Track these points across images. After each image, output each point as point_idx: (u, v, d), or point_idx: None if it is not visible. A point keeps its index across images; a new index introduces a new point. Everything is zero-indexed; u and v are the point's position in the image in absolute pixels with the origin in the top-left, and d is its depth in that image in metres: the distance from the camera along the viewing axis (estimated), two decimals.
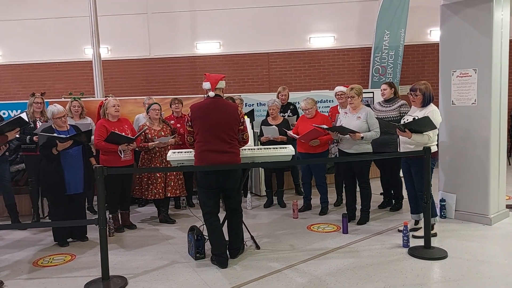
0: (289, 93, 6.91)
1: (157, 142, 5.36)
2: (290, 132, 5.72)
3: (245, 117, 4.31)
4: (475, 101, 5.00)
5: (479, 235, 4.66)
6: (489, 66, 4.86)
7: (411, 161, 4.59)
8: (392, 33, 9.66)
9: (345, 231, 4.89)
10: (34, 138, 5.30)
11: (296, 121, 6.12)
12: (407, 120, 4.54)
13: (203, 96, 4.18)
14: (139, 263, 4.23)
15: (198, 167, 4.09)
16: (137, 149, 5.38)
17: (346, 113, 5.23)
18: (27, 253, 4.62)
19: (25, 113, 4.05)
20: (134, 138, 5.11)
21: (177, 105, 6.16)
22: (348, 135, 4.98)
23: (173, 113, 6.23)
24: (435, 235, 4.59)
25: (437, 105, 4.97)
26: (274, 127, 5.88)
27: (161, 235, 5.12)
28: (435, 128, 4.43)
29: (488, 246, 4.36)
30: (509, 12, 5.00)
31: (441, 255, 4.11)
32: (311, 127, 5.30)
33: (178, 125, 5.99)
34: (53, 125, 4.76)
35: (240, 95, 7.08)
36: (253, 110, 7.28)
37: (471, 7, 4.97)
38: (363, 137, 4.92)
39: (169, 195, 5.51)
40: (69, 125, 4.90)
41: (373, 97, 7.96)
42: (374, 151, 5.15)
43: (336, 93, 5.99)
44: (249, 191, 6.36)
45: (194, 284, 3.71)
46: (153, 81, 10.61)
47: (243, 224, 4.40)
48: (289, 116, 6.59)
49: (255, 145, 5.44)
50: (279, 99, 6.65)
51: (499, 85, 4.95)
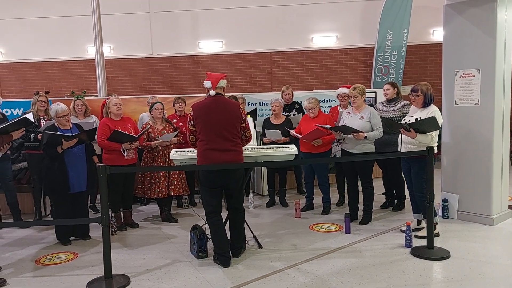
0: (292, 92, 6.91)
1: (160, 141, 5.36)
2: (292, 131, 5.72)
3: (248, 116, 4.31)
4: (478, 101, 4.99)
5: (481, 236, 4.66)
6: (493, 66, 4.85)
7: (412, 161, 4.59)
8: (394, 33, 9.64)
9: (347, 231, 4.89)
10: (38, 136, 5.31)
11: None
12: (409, 120, 4.54)
13: (205, 95, 4.18)
14: (141, 261, 4.24)
15: (200, 166, 4.10)
16: (140, 148, 5.39)
17: (349, 112, 5.23)
18: (29, 251, 4.63)
19: (31, 114, 4.06)
20: (137, 137, 5.11)
21: (181, 104, 6.16)
22: (351, 135, 4.98)
23: (175, 112, 6.22)
24: (437, 235, 4.59)
25: (440, 105, 4.97)
26: (277, 131, 5.84)
27: (164, 234, 5.13)
28: (439, 128, 4.43)
29: (490, 246, 4.35)
30: None
31: (443, 255, 4.10)
32: (314, 126, 5.31)
33: (180, 124, 5.99)
34: (56, 124, 4.77)
35: (242, 94, 7.08)
36: (255, 109, 7.28)
37: (475, 7, 4.96)
38: (366, 137, 4.92)
39: (172, 194, 5.52)
40: (72, 123, 4.90)
41: (376, 97, 7.96)
42: (377, 151, 5.15)
43: (338, 94, 5.99)
44: (251, 191, 6.36)
45: (196, 283, 3.72)
46: (156, 80, 10.62)
47: (245, 223, 4.41)
48: (294, 115, 6.58)
49: (257, 145, 5.44)
50: (283, 98, 6.64)
51: (502, 86, 4.95)
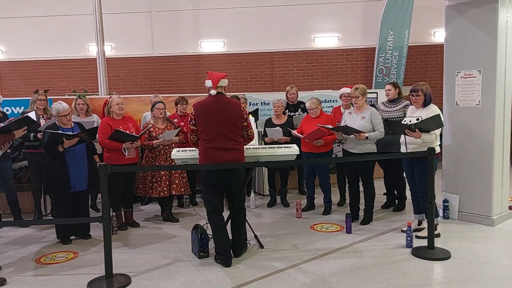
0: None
1: (161, 139, 5.36)
2: (294, 131, 5.72)
3: (250, 116, 4.31)
4: (479, 102, 4.99)
5: (482, 236, 4.66)
6: (494, 67, 4.85)
7: (415, 162, 4.59)
8: (396, 33, 9.64)
9: (348, 231, 4.89)
10: (38, 135, 5.31)
11: None
12: (410, 121, 4.53)
13: (206, 94, 4.18)
14: (142, 261, 4.24)
15: (202, 165, 4.10)
16: (141, 147, 5.39)
17: (350, 113, 5.23)
18: (29, 250, 4.62)
19: (33, 112, 4.05)
20: (138, 136, 5.11)
21: (184, 106, 6.16)
22: (352, 135, 4.98)
23: (177, 111, 6.22)
24: (438, 235, 4.59)
25: (441, 106, 4.96)
26: (278, 128, 5.85)
27: (164, 233, 5.13)
28: (442, 126, 4.43)
29: (491, 247, 4.35)
30: None
31: (444, 255, 4.10)
32: (315, 126, 5.31)
33: (181, 124, 5.98)
34: (57, 123, 4.77)
35: (244, 94, 7.08)
36: (257, 109, 7.28)
37: (476, 8, 4.96)
38: (367, 137, 4.92)
39: (174, 193, 5.52)
40: (74, 122, 4.90)
41: (377, 98, 7.96)
42: (378, 151, 5.15)
43: (341, 94, 5.98)
44: (252, 190, 6.36)
45: (197, 282, 3.72)
46: (157, 79, 10.63)
47: (246, 223, 4.41)
48: (299, 114, 6.57)
49: (259, 145, 5.44)
50: (288, 98, 6.64)
51: (503, 86, 4.95)
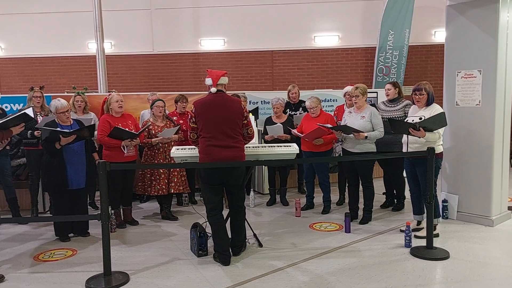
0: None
1: (161, 137, 5.35)
2: (294, 130, 5.71)
3: (250, 114, 4.30)
4: (479, 102, 4.98)
5: (481, 237, 4.66)
6: (494, 67, 4.85)
7: (417, 162, 4.56)
8: (396, 33, 9.63)
9: (347, 230, 4.89)
10: (35, 133, 5.28)
11: None
12: (413, 120, 4.52)
13: (206, 92, 4.17)
14: (140, 259, 4.23)
15: (201, 164, 4.09)
16: (140, 145, 5.37)
17: (350, 112, 5.22)
18: (28, 248, 4.61)
19: (31, 109, 4.03)
20: (137, 134, 5.09)
21: (185, 105, 6.15)
22: (352, 135, 4.97)
23: (176, 109, 6.21)
24: (437, 235, 4.59)
25: (441, 106, 4.95)
26: (279, 124, 5.88)
27: (163, 231, 5.12)
28: (446, 125, 4.43)
29: (490, 247, 4.35)
30: None
31: (443, 255, 4.10)
32: (315, 125, 5.30)
33: (181, 122, 5.97)
34: (56, 120, 4.75)
35: (244, 93, 7.07)
36: (257, 108, 7.27)
37: (477, 8, 4.95)
38: (367, 137, 4.91)
39: (173, 191, 5.51)
40: (73, 119, 4.89)
41: (377, 97, 7.95)
42: (379, 150, 5.14)
43: (345, 93, 5.96)
44: (251, 189, 6.35)
45: (195, 281, 3.71)
46: (156, 77, 10.61)
47: (245, 221, 4.40)
48: (300, 113, 6.55)
49: (259, 143, 5.44)
50: (289, 97, 6.62)
51: (503, 87, 4.94)
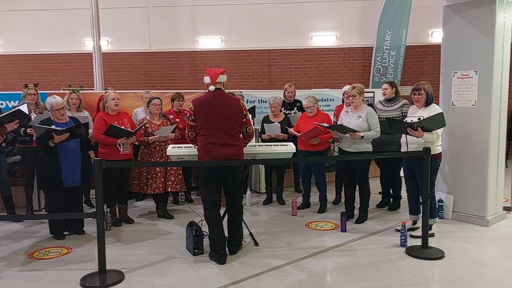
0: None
1: (157, 136, 5.33)
2: (291, 129, 5.72)
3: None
4: (476, 102, 4.99)
5: (476, 237, 4.67)
6: (490, 68, 4.86)
7: (415, 162, 4.55)
8: (393, 33, 9.64)
9: (343, 230, 4.89)
10: (28, 130, 5.24)
11: None
12: (411, 120, 4.51)
13: (203, 91, 4.16)
14: (135, 257, 4.22)
15: (197, 162, 4.07)
16: (137, 143, 5.35)
17: (347, 112, 5.23)
18: (22, 245, 4.59)
19: (25, 105, 4.01)
20: (133, 132, 5.07)
21: (181, 103, 6.14)
22: (348, 134, 4.97)
23: (173, 107, 6.19)
24: (432, 235, 4.60)
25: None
26: (276, 123, 5.88)
27: (159, 230, 5.11)
28: (445, 125, 4.43)
29: (485, 247, 4.37)
30: None
31: (438, 255, 4.11)
32: (312, 125, 5.31)
33: (177, 120, 5.96)
34: (52, 117, 4.72)
35: (241, 91, 7.06)
36: (254, 106, 7.27)
37: (474, 8, 4.96)
38: (363, 136, 4.91)
39: (169, 190, 5.49)
40: (68, 117, 4.86)
41: (374, 97, 7.96)
42: (376, 150, 5.14)
43: (344, 92, 5.95)
44: (248, 188, 6.35)
45: (190, 279, 3.70)
46: (153, 75, 10.58)
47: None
48: (295, 113, 6.56)
49: (256, 142, 5.43)
50: (285, 96, 6.62)
51: (499, 87, 4.95)
